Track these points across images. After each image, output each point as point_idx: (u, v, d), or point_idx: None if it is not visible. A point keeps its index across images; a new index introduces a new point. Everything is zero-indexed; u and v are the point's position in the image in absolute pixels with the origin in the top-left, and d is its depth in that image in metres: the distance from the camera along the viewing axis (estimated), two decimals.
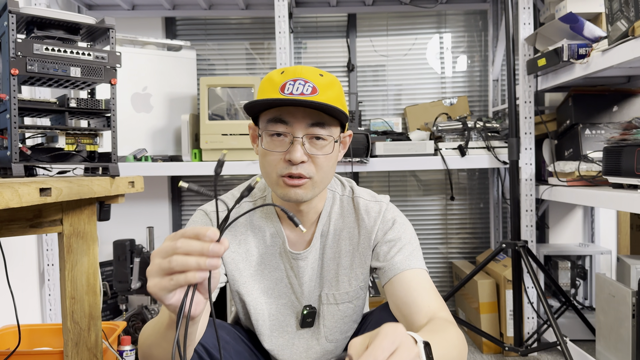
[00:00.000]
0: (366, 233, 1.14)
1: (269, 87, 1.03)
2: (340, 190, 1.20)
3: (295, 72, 1.02)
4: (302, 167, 1.01)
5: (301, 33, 2.96)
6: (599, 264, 2.57)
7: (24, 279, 2.31)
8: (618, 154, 1.72)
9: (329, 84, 1.03)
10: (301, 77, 1.01)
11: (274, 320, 1.17)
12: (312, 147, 1.02)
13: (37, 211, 1.31)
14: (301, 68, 1.03)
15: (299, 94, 0.99)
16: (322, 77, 1.03)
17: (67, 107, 1.32)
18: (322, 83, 1.01)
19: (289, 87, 1.00)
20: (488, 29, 2.92)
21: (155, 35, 2.87)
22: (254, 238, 1.15)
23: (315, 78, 1.01)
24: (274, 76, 1.04)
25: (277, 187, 1.05)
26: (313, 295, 1.17)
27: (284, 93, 1.00)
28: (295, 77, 1.00)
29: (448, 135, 2.39)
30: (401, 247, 1.10)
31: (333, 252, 1.16)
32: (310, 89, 1.00)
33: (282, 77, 1.02)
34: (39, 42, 1.24)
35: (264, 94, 1.04)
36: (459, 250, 3.00)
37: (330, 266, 1.16)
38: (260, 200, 1.18)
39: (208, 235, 0.69)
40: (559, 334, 1.90)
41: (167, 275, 0.69)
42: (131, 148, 2.36)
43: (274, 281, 1.16)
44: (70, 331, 1.39)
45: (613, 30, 1.67)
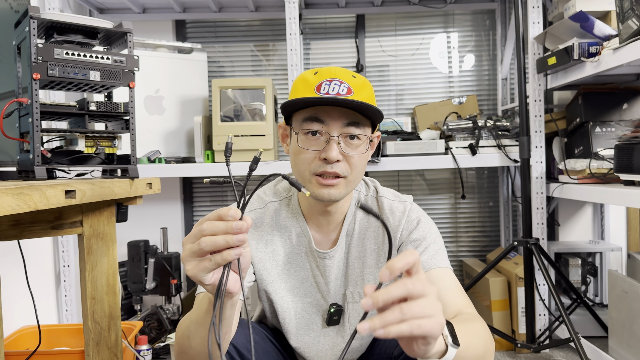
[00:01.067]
0: (392, 232, 1.14)
1: (304, 87, 1.04)
2: (365, 190, 1.21)
3: (330, 73, 1.03)
4: (337, 166, 1.02)
5: (310, 34, 2.98)
6: (609, 260, 2.57)
7: (40, 281, 2.34)
8: (630, 151, 1.73)
9: (362, 84, 1.04)
10: (336, 77, 1.02)
11: (300, 318, 1.19)
12: (347, 147, 1.03)
13: (58, 213, 1.33)
14: (335, 69, 1.04)
15: (335, 93, 1.00)
16: (355, 79, 1.04)
17: (87, 110, 1.35)
18: (356, 84, 1.03)
19: (325, 87, 1.01)
20: (496, 28, 2.93)
21: (166, 38, 2.89)
22: (280, 238, 1.17)
23: (349, 79, 1.03)
24: (308, 77, 1.05)
25: (310, 185, 1.05)
26: (339, 293, 1.19)
27: (320, 93, 1.01)
28: (330, 78, 1.02)
29: (458, 134, 2.40)
30: (426, 247, 1.11)
31: (358, 252, 1.17)
32: (345, 89, 1.01)
33: (316, 77, 1.03)
34: (59, 47, 1.26)
35: (299, 94, 1.05)
36: (469, 248, 3.01)
37: (355, 265, 1.17)
38: (285, 200, 1.19)
39: (230, 215, 0.72)
40: (572, 331, 1.91)
41: (199, 257, 0.73)
42: (144, 150, 2.39)
43: (300, 280, 1.18)
44: (92, 331, 1.42)
45: (624, 29, 1.68)
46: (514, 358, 2.25)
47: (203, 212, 2.97)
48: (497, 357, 2.27)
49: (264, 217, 1.17)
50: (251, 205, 1.18)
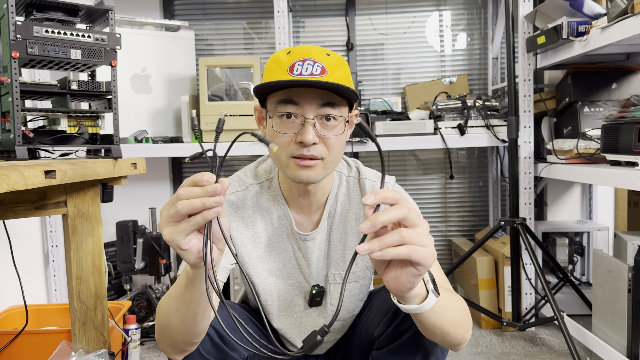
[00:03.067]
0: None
1: (277, 68, 1.02)
2: (347, 172, 1.20)
3: (303, 52, 1.00)
4: (314, 148, 1.01)
5: (300, 12, 2.94)
6: (597, 240, 2.60)
7: (28, 261, 2.34)
8: (616, 131, 1.73)
9: (337, 63, 1.02)
10: (309, 57, 0.99)
11: (283, 300, 1.19)
12: (323, 128, 1.02)
13: (42, 193, 1.33)
14: (308, 48, 1.02)
15: (309, 74, 0.98)
16: (329, 57, 1.02)
17: (68, 89, 1.33)
18: (330, 63, 1.00)
19: (297, 67, 0.99)
20: (488, 6, 2.91)
21: (153, 15, 2.85)
22: (261, 220, 1.16)
23: (322, 58, 1.00)
24: (280, 56, 1.02)
25: (287, 168, 1.04)
26: (321, 275, 1.19)
27: (293, 74, 0.99)
28: (303, 57, 0.99)
29: (447, 114, 2.39)
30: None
31: (340, 233, 1.17)
32: (319, 69, 0.99)
33: (289, 57, 1.01)
34: (39, 25, 1.24)
35: (272, 76, 1.02)
36: (458, 228, 3.02)
37: (337, 247, 1.17)
38: (266, 182, 1.18)
39: (205, 179, 0.74)
40: (556, 309, 1.93)
41: (176, 221, 0.74)
42: (131, 130, 2.37)
43: (282, 262, 1.17)
44: (77, 310, 1.42)
45: (613, 7, 1.67)
46: (500, 336, 2.29)
47: None
48: (483, 335, 2.30)
49: (245, 199, 1.16)
50: (232, 188, 1.17)
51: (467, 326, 0.95)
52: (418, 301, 0.82)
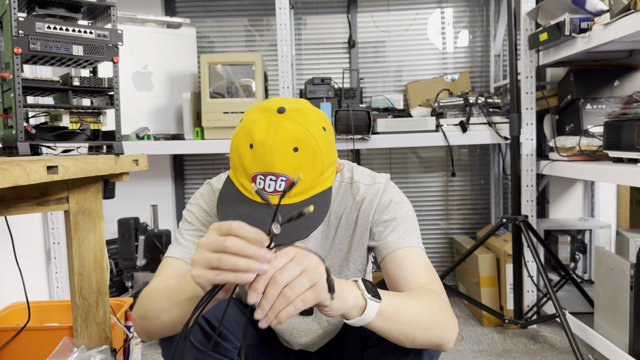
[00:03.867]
0: (364, 216, 1.13)
1: (239, 165, 0.96)
2: (339, 177, 1.18)
3: (265, 160, 0.92)
4: None
5: (301, 9, 2.94)
6: (599, 238, 2.59)
7: (30, 257, 2.34)
8: (619, 128, 1.73)
9: (306, 161, 0.94)
10: (271, 170, 0.92)
11: None
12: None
13: (44, 189, 1.33)
14: (272, 147, 0.91)
15: (272, 191, 0.93)
16: (297, 155, 0.93)
17: (70, 85, 1.33)
18: (297, 166, 0.93)
19: (259, 181, 0.93)
20: (490, 3, 2.90)
21: (155, 12, 2.85)
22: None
23: (288, 163, 0.92)
24: (242, 150, 0.94)
25: None
26: None
27: (256, 184, 0.94)
28: (264, 171, 0.92)
29: (449, 111, 2.39)
30: (395, 227, 1.09)
31: (332, 238, 1.16)
32: (283, 184, 0.93)
33: (251, 158, 0.93)
34: (41, 21, 1.24)
35: (237, 174, 0.97)
36: (460, 225, 3.02)
37: (330, 253, 1.16)
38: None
39: (259, 241, 0.72)
40: (558, 307, 1.93)
41: (213, 269, 0.73)
42: (133, 127, 2.37)
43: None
44: (79, 307, 1.42)
45: (615, 4, 1.66)
46: (501, 333, 2.29)
47: (194, 189, 2.96)
48: (484, 332, 2.30)
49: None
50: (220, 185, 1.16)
51: (443, 327, 0.92)
52: (357, 312, 0.82)
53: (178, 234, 1.15)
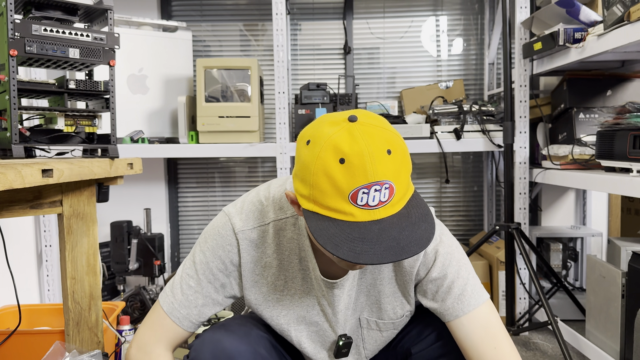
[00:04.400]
0: (408, 267, 1.04)
1: (332, 189, 0.82)
2: None
3: (365, 170, 0.80)
4: None
5: (297, 14, 2.95)
6: (590, 246, 2.61)
7: (22, 260, 2.33)
8: (611, 137, 1.74)
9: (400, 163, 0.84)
10: (375, 180, 0.80)
11: (305, 346, 1.11)
12: None
13: (37, 192, 1.32)
14: (370, 154, 0.80)
15: (376, 204, 0.81)
16: (391, 157, 0.83)
17: (66, 88, 1.32)
18: (394, 169, 0.83)
19: (362, 197, 0.81)
20: (484, 12, 2.92)
21: (151, 16, 2.84)
22: (281, 261, 1.04)
23: (387, 167, 0.82)
24: (333, 169, 0.81)
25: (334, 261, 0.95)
26: (349, 322, 1.09)
27: (358, 204, 0.81)
28: (367, 183, 0.80)
29: (444, 118, 2.40)
30: (450, 287, 1.01)
31: (373, 278, 1.06)
32: (387, 192, 0.82)
33: (346, 174, 0.80)
34: (38, 23, 1.23)
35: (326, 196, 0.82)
36: (453, 232, 3.03)
37: (370, 292, 1.07)
38: (291, 219, 1.03)
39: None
40: (550, 314, 1.94)
41: None
42: (128, 130, 2.36)
43: (304, 309, 1.07)
44: (72, 311, 1.41)
45: (609, 15, 1.68)
46: None
47: (188, 193, 2.96)
48: None
49: (265, 236, 1.03)
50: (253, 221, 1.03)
51: None
52: None
53: (181, 271, 1.06)
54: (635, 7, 1.50)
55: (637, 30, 1.51)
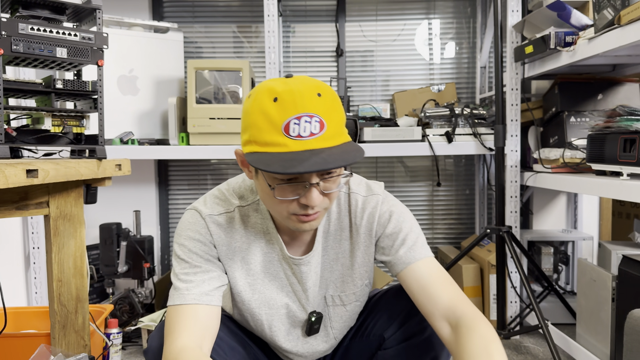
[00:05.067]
0: (366, 230, 1.11)
1: (268, 125, 0.90)
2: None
3: (295, 103, 0.89)
4: (318, 205, 0.96)
5: (290, 17, 2.94)
6: (581, 249, 2.62)
7: (9, 262, 2.30)
8: (602, 141, 1.74)
9: (331, 105, 0.93)
10: (305, 111, 0.89)
11: (277, 330, 1.14)
12: (326, 184, 0.96)
13: (23, 193, 1.30)
14: (299, 92, 0.90)
15: (308, 135, 0.89)
16: (321, 99, 0.91)
17: (53, 88, 1.31)
18: (325, 108, 0.91)
19: (294, 127, 0.89)
20: (477, 15, 2.93)
21: (142, 16, 2.83)
22: (249, 245, 1.09)
23: (316, 104, 0.90)
24: (267, 106, 0.90)
25: (288, 221, 0.99)
26: (317, 298, 1.14)
27: (291, 135, 0.89)
28: (297, 114, 0.89)
29: (435, 121, 2.40)
30: (404, 239, 1.09)
31: (335, 253, 1.13)
32: (317, 124, 0.90)
33: (278, 109, 0.89)
34: (24, 22, 1.22)
35: (263, 135, 0.91)
36: (445, 235, 3.03)
37: (333, 267, 1.13)
38: (253, 205, 1.10)
39: None
40: (540, 318, 1.94)
41: None
42: (117, 131, 2.34)
43: (274, 290, 1.12)
44: (58, 313, 1.39)
45: (599, 19, 1.68)
46: None
47: (179, 195, 2.94)
48: None
49: (232, 222, 1.08)
50: (218, 208, 1.08)
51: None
52: None
53: (174, 276, 1.05)
54: (626, 11, 1.51)
55: (628, 33, 1.52)
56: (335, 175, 0.96)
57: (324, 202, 0.98)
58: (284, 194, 0.95)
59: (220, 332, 1.08)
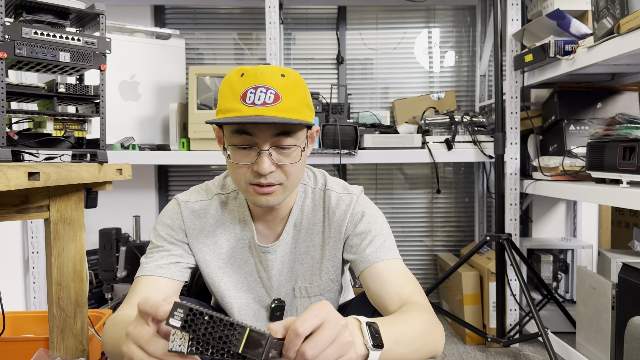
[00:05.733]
0: (337, 226, 1.14)
1: (230, 93, 1.00)
2: (313, 183, 1.19)
3: (256, 76, 0.98)
4: (271, 176, 1.01)
5: (291, 24, 2.96)
6: (581, 257, 2.62)
7: (7, 266, 2.29)
8: (601, 149, 1.75)
9: (292, 85, 1.00)
10: (262, 83, 0.97)
11: (244, 314, 1.18)
12: (279, 156, 1.01)
13: (24, 197, 1.30)
14: (262, 70, 0.99)
15: (261, 103, 0.96)
16: (284, 79, 0.99)
17: (55, 92, 1.31)
18: (284, 86, 0.98)
19: (250, 95, 0.97)
20: (476, 24, 2.95)
21: (144, 23, 2.84)
22: (223, 231, 1.16)
23: (276, 81, 0.98)
24: (233, 80, 1.00)
25: (247, 193, 1.05)
26: (284, 288, 1.18)
27: (246, 102, 0.97)
28: (256, 84, 0.97)
29: (435, 129, 2.41)
30: (372, 239, 1.10)
31: (306, 246, 1.17)
32: (272, 96, 0.97)
33: (242, 81, 0.99)
34: (28, 26, 1.23)
35: (225, 102, 1.00)
36: (444, 243, 3.03)
37: (303, 260, 1.17)
38: (232, 194, 1.18)
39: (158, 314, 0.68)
40: (540, 326, 1.94)
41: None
42: (118, 136, 2.35)
43: (243, 275, 1.17)
44: (56, 318, 1.39)
45: (599, 28, 1.70)
46: (484, 352, 2.28)
47: None
48: (467, 351, 2.29)
49: (208, 208, 1.16)
50: (197, 196, 1.18)
51: (435, 341, 0.92)
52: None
53: (144, 257, 1.14)
54: (625, 20, 1.52)
55: (627, 42, 1.53)
56: (287, 147, 1.01)
57: (279, 176, 1.02)
58: (238, 158, 1.01)
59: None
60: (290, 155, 1.01)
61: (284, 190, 1.04)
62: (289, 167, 1.02)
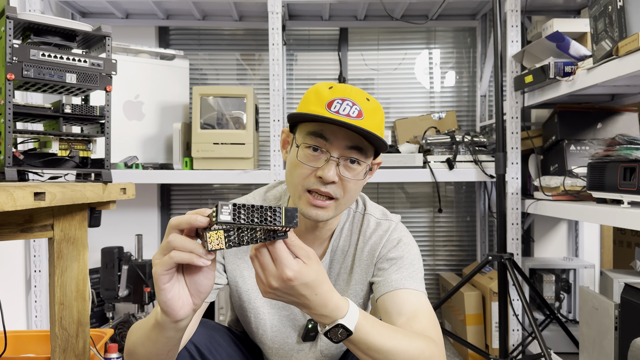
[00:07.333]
0: (370, 250, 1.14)
1: (316, 100, 1.02)
2: (354, 207, 1.19)
3: (345, 91, 1.01)
4: (331, 187, 1.01)
5: (293, 45, 2.99)
6: (583, 277, 2.61)
7: (10, 285, 2.29)
8: (602, 169, 1.76)
9: (374, 110, 1.02)
10: (350, 97, 1.00)
11: (276, 331, 1.18)
12: (345, 170, 1.01)
13: (28, 216, 1.31)
14: (351, 88, 1.02)
15: (346, 114, 0.98)
16: (368, 102, 1.02)
17: (61, 112, 1.33)
18: (368, 108, 1.01)
19: (336, 105, 0.99)
20: (477, 45, 2.98)
21: (149, 44, 2.88)
22: None
23: (362, 101, 1.01)
24: (321, 90, 1.03)
25: (299, 201, 1.04)
26: None
27: (331, 110, 0.99)
28: (344, 97, 1.00)
29: (437, 148, 2.42)
30: (401, 266, 1.09)
31: (339, 268, 1.16)
32: (356, 112, 0.99)
33: (330, 92, 1.01)
34: (36, 48, 1.25)
35: (309, 106, 1.02)
36: (446, 262, 3.02)
37: (337, 281, 1.16)
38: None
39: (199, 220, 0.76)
40: (543, 346, 1.92)
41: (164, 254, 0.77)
42: (122, 155, 2.37)
43: None
44: (59, 337, 1.39)
45: (598, 50, 1.72)
46: None
47: None
48: None
49: None
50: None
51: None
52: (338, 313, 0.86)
53: None
54: (623, 42, 1.54)
55: (626, 64, 1.55)
56: (355, 161, 1.02)
57: (337, 190, 1.02)
58: (306, 159, 1.01)
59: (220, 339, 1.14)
60: (355, 171, 1.02)
61: (337, 207, 1.04)
62: (350, 184, 1.02)
